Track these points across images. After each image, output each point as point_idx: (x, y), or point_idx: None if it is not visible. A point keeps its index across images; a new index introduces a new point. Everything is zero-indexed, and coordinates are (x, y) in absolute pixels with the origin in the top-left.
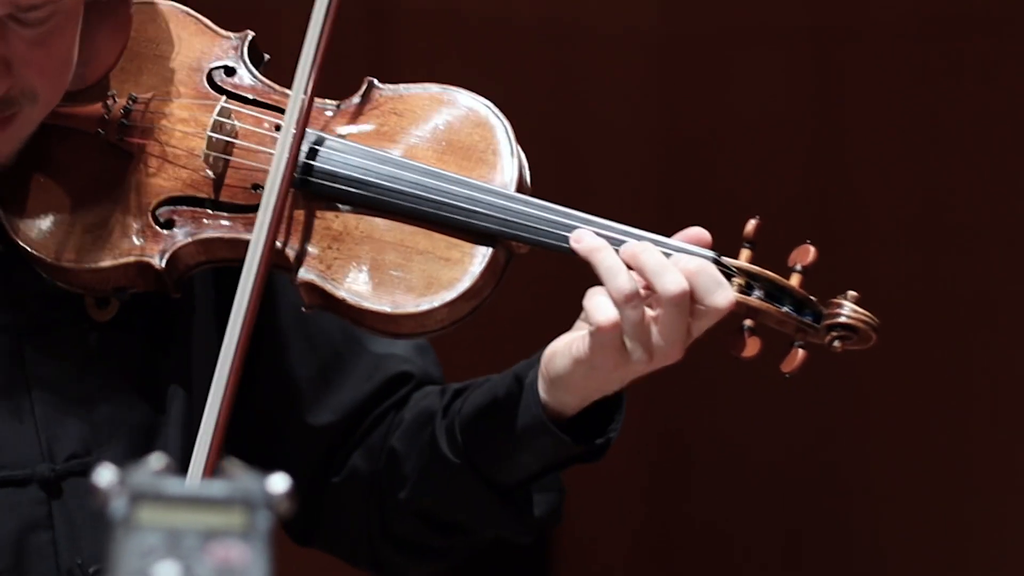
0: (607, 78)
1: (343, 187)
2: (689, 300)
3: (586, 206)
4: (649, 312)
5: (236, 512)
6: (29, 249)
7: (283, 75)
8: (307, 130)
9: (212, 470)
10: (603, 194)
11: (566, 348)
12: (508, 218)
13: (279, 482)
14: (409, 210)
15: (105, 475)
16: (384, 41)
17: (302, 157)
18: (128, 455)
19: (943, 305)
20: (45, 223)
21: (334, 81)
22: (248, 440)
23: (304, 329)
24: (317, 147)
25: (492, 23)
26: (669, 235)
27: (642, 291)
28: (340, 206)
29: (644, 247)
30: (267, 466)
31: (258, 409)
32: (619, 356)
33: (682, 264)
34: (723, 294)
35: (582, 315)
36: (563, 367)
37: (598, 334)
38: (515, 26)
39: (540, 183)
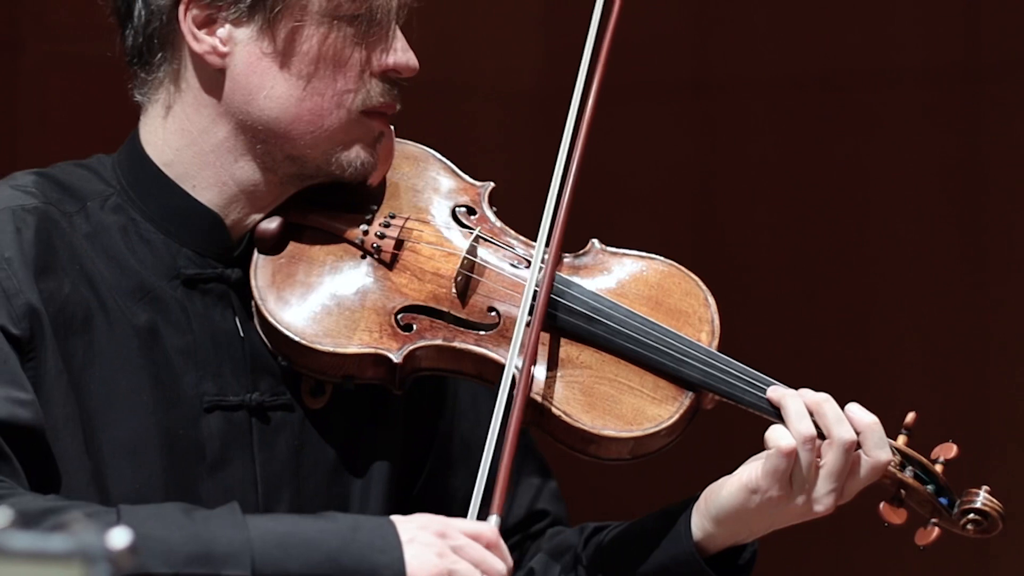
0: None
1: (576, 322)
2: (854, 449)
3: None
4: (817, 460)
5: (75, 566)
6: (282, 329)
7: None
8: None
9: None
10: None
11: (733, 479)
12: (713, 371)
13: (119, 537)
14: (627, 350)
15: None
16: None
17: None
18: None
19: (974, 347)
20: (300, 310)
21: None
22: None
23: (469, 453)
24: (561, 287)
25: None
26: None
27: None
28: (567, 337)
29: (826, 398)
30: None
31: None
32: (786, 488)
33: (856, 416)
34: (885, 451)
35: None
36: (728, 496)
37: (775, 456)
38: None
39: None
